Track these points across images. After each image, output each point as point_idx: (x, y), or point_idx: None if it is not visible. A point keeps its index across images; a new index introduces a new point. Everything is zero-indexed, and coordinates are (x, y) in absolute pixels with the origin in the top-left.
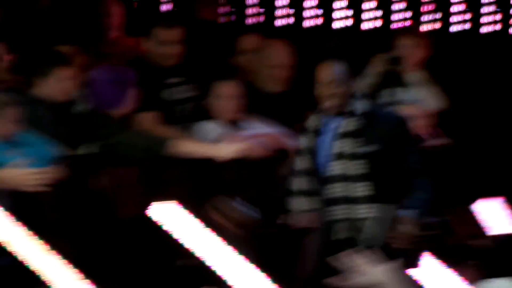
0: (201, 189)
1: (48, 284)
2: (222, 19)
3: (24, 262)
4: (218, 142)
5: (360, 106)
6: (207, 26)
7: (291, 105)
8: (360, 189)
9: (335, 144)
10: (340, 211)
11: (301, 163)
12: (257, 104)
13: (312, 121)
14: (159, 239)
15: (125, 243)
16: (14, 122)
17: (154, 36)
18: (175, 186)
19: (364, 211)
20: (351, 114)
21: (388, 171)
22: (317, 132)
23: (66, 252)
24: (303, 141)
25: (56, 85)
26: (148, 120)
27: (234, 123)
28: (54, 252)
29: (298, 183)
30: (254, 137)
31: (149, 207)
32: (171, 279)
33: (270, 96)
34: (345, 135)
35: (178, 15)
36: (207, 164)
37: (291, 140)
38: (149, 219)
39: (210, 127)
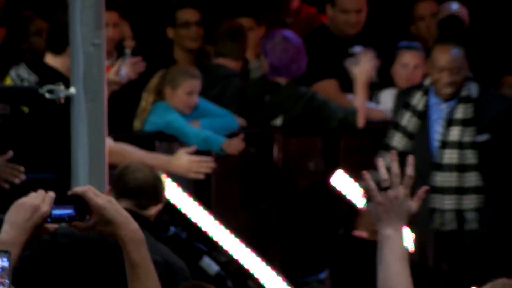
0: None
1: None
2: None
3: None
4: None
5: (474, 90)
6: None
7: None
8: (472, 179)
9: (450, 130)
10: (449, 201)
11: (399, 140)
12: None
13: (417, 100)
14: (338, 208)
15: (304, 213)
16: (194, 94)
17: (337, 4)
18: (350, 155)
19: (474, 201)
20: (467, 99)
21: (501, 161)
22: (423, 114)
23: (243, 225)
24: (405, 119)
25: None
26: (330, 88)
27: None
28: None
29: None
30: None
31: (330, 176)
32: (347, 248)
33: None
34: (462, 122)
35: None
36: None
37: None
38: (330, 188)
39: (393, 95)
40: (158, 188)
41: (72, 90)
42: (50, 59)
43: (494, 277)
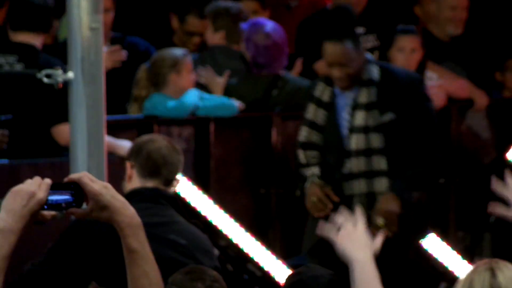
0: None
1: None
2: None
3: None
4: None
5: (376, 73)
6: None
7: (471, 50)
8: (380, 163)
9: (355, 115)
10: (359, 186)
11: (307, 135)
12: (435, 52)
13: (320, 91)
14: None
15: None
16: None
17: None
18: None
19: (382, 185)
20: (369, 82)
21: (405, 142)
22: (329, 104)
23: None
24: (310, 113)
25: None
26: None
27: None
28: None
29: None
30: (440, 87)
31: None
32: None
33: (449, 43)
34: (366, 106)
35: None
36: None
37: (475, 89)
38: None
39: None
40: (180, 161)
41: (70, 74)
42: (24, 37)
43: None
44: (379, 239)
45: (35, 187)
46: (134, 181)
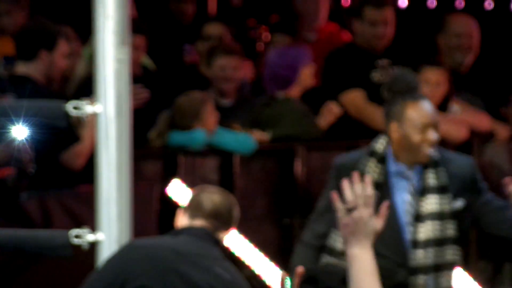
0: None
1: None
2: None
3: None
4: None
5: (436, 152)
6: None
7: (488, 80)
8: (452, 254)
9: (424, 200)
10: (423, 280)
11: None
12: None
13: (371, 169)
14: None
15: None
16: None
17: (364, 16)
18: None
19: (450, 278)
20: (435, 163)
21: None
22: (381, 184)
23: None
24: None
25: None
26: (356, 99)
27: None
28: None
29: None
30: (463, 120)
31: None
32: None
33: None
34: (438, 189)
35: None
36: None
37: (493, 122)
38: None
39: None
40: (232, 213)
41: (98, 106)
42: (22, 68)
43: None
44: (380, 221)
45: None
46: None
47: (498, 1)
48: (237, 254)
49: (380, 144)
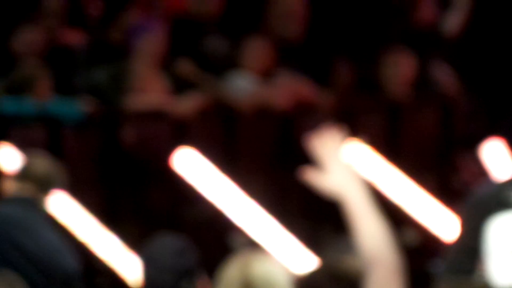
0: None
1: None
2: None
3: None
4: None
5: None
6: None
7: None
8: None
9: None
10: None
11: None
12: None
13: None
14: None
15: None
16: None
17: None
18: None
19: None
20: None
21: None
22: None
23: None
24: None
25: None
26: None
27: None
28: None
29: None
30: (285, 88)
31: None
32: None
33: None
34: None
35: None
36: None
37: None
38: None
39: None
40: (58, 177)
41: None
42: None
43: None
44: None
45: None
46: None
47: None
48: (64, 218)
49: None
